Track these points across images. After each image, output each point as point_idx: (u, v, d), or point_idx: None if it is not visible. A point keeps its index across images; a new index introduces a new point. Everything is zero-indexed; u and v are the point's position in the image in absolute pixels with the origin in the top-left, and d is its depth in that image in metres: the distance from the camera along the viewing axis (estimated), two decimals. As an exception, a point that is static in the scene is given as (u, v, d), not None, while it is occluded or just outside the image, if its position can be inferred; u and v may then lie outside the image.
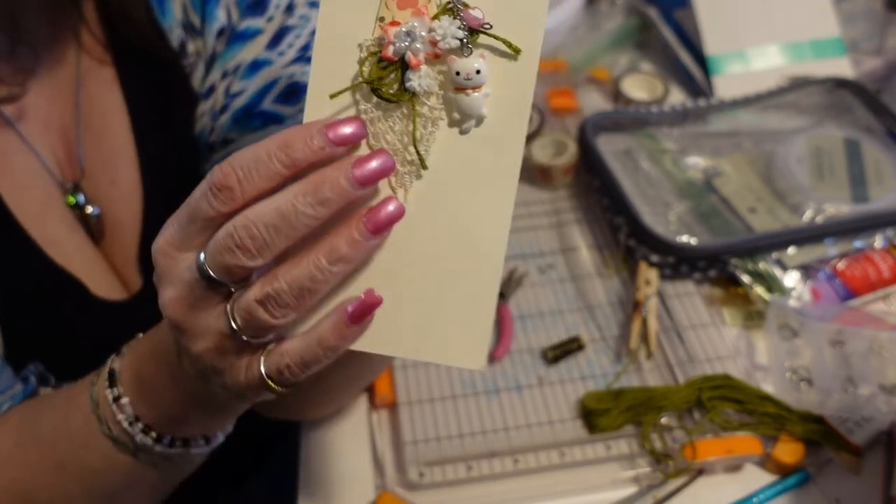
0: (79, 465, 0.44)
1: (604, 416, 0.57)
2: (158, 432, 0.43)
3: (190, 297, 0.35)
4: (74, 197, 0.54)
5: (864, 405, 0.56)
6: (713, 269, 0.66)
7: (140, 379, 0.42)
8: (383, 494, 0.54)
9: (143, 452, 0.43)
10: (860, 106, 0.78)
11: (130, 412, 0.42)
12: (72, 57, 0.55)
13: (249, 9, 0.55)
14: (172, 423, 0.43)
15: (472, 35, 0.33)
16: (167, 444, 0.43)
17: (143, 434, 0.42)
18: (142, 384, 0.42)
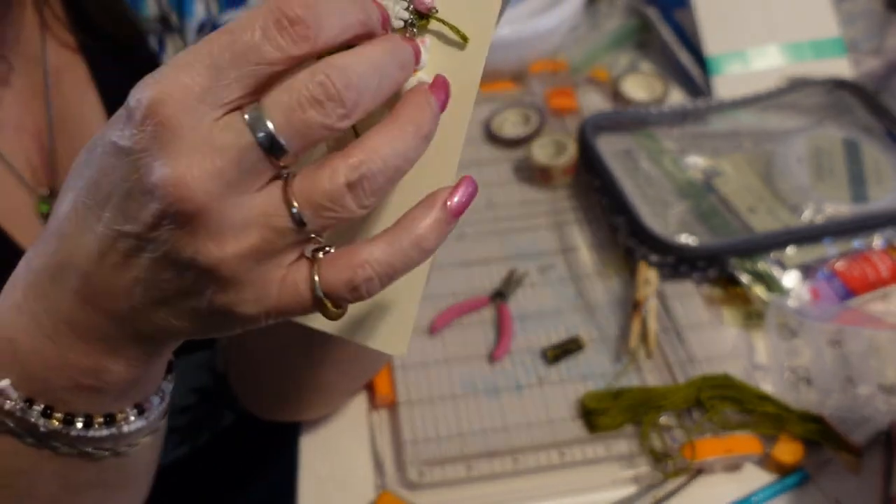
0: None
1: (603, 416, 0.57)
2: (66, 411, 0.32)
3: (232, 170, 0.26)
4: (47, 204, 0.52)
5: (863, 405, 0.56)
6: (713, 269, 0.66)
7: (14, 346, 0.31)
8: (383, 494, 0.54)
9: (56, 441, 0.33)
10: (860, 106, 0.78)
11: (17, 395, 0.31)
12: (41, 57, 0.53)
13: (229, 1, 0.54)
14: (81, 393, 0.32)
15: (420, 19, 0.32)
16: (83, 425, 0.33)
17: (45, 418, 0.32)
18: (18, 352, 0.31)
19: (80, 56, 0.54)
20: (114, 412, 0.33)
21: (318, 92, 0.26)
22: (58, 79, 0.53)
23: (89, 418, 0.32)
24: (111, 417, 0.33)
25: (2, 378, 0.31)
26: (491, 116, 0.82)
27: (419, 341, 0.63)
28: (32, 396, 0.32)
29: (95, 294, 0.29)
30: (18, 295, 0.31)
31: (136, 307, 0.29)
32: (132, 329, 0.30)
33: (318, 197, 0.27)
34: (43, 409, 0.32)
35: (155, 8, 0.54)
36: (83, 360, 0.31)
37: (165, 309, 0.29)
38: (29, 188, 0.52)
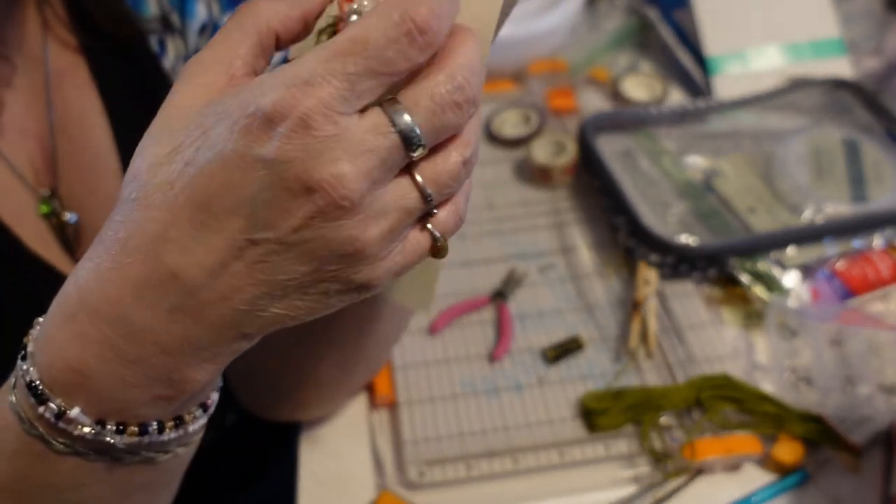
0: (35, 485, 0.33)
1: (603, 416, 0.57)
2: (141, 423, 0.32)
3: (380, 167, 0.28)
4: (48, 205, 0.52)
5: (863, 405, 0.56)
6: (712, 269, 0.66)
7: (83, 375, 0.30)
8: (383, 494, 0.54)
9: (126, 454, 0.33)
10: (859, 106, 0.78)
11: (89, 420, 0.31)
12: (42, 57, 0.53)
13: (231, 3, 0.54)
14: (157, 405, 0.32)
15: None
16: (156, 432, 0.32)
17: (120, 435, 0.32)
18: (88, 380, 0.30)
19: (81, 56, 0.54)
20: (183, 414, 0.33)
21: (458, 96, 0.29)
22: (59, 79, 0.53)
23: (161, 424, 0.32)
24: (181, 420, 0.33)
25: (72, 406, 0.31)
26: (491, 116, 0.82)
27: (419, 341, 0.63)
28: (104, 417, 0.31)
29: (201, 307, 0.29)
30: (83, 321, 0.30)
31: (248, 310, 0.29)
32: (235, 333, 0.30)
33: (443, 178, 0.30)
34: (117, 427, 0.31)
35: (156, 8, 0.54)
36: (169, 374, 0.31)
37: (284, 302, 0.30)
38: (30, 189, 0.52)
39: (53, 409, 0.31)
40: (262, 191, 0.27)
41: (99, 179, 0.54)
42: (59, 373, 0.31)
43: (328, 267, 0.29)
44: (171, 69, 0.55)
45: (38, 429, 0.31)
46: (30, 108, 0.52)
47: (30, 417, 0.32)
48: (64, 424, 0.31)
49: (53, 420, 0.31)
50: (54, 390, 0.31)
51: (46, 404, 0.31)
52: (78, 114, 0.54)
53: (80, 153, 0.53)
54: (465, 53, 0.29)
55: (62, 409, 0.31)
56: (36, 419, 0.31)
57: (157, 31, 0.54)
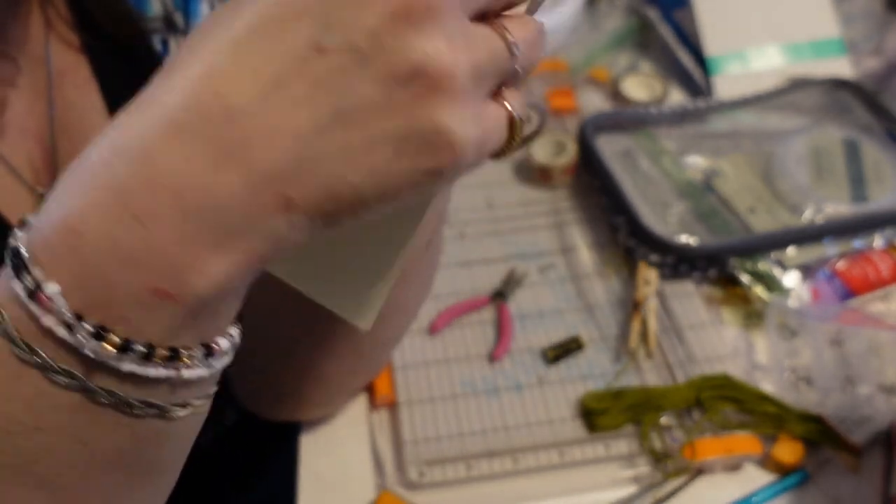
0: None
1: (603, 416, 0.57)
2: (125, 334, 0.25)
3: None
4: None
5: (863, 405, 0.56)
6: (713, 269, 0.66)
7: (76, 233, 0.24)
8: (383, 494, 0.54)
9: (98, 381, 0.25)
10: (859, 106, 0.78)
11: (65, 305, 0.24)
12: (44, 56, 0.53)
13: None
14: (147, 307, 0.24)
15: None
16: (142, 354, 0.25)
17: (96, 339, 0.24)
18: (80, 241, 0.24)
19: (83, 56, 0.54)
20: (178, 346, 0.26)
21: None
22: (61, 79, 0.53)
23: (151, 348, 0.25)
24: (175, 352, 0.26)
25: (49, 280, 0.24)
26: (491, 116, 0.82)
27: (419, 341, 0.63)
28: (83, 310, 0.24)
29: (244, 143, 0.23)
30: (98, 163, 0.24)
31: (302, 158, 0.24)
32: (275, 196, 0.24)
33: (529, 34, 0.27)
34: (95, 330, 0.24)
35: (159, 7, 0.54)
36: (177, 250, 0.24)
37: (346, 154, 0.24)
38: (29, 188, 0.52)
39: (28, 283, 0.24)
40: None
41: None
42: (50, 232, 0.24)
43: (403, 90, 0.24)
44: None
45: (4, 318, 0.25)
46: (31, 107, 0.52)
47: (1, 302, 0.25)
48: (36, 308, 0.24)
49: (25, 299, 0.24)
50: (39, 257, 0.24)
51: (22, 276, 0.24)
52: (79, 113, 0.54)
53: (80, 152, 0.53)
54: None
55: (38, 282, 0.24)
56: (8, 303, 0.25)
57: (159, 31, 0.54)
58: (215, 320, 0.27)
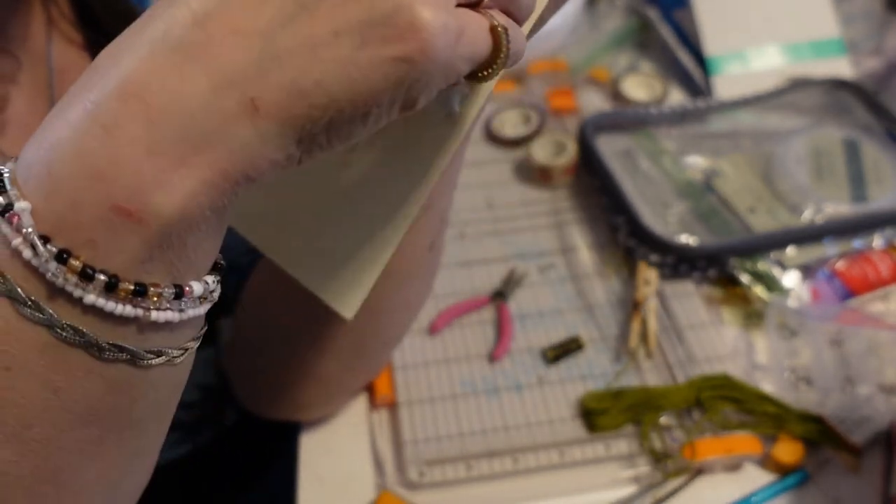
0: None
1: (603, 416, 0.57)
2: (89, 259, 0.24)
3: None
4: None
5: (863, 405, 0.56)
6: (713, 269, 0.66)
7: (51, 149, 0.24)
8: (383, 494, 0.54)
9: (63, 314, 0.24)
10: (859, 106, 0.78)
11: (31, 225, 0.23)
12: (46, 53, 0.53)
13: None
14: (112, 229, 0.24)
15: None
16: (104, 283, 0.24)
17: (59, 263, 0.23)
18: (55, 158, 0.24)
19: (85, 53, 0.54)
20: (146, 282, 0.25)
21: None
22: (62, 76, 0.53)
23: (115, 279, 0.24)
24: (142, 288, 0.24)
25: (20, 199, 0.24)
26: (491, 116, 0.82)
27: (419, 341, 0.63)
28: (51, 232, 0.24)
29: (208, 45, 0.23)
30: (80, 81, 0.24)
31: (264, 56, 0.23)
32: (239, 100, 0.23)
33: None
34: (58, 252, 0.23)
35: None
36: (142, 163, 0.23)
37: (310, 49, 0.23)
38: None
39: (2, 201, 0.24)
40: None
41: None
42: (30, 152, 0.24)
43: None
44: None
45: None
46: (32, 104, 0.53)
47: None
48: (6, 226, 0.24)
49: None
50: (15, 177, 0.24)
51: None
52: None
53: None
54: None
55: (10, 201, 0.24)
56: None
57: None
58: (186, 256, 0.25)
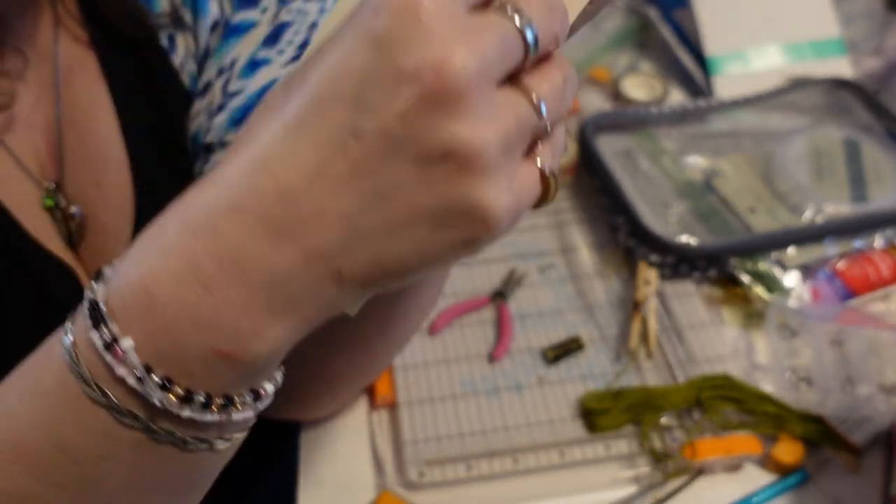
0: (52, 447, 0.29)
1: (603, 416, 0.57)
2: (188, 385, 0.28)
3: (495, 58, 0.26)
4: (52, 198, 0.52)
5: (863, 405, 0.56)
6: (713, 269, 0.66)
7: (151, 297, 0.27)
8: (383, 494, 0.54)
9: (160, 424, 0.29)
10: (860, 106, 0.78)
11: (137, 360, 0.27)
12: (53, 51, 0.53)
13: (242, 1, 0.54)
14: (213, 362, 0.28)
15: None
16: (201, 404, 0.28)
17: (163, 390, 0.28)
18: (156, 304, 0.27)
19: (91, 51, 0.54)
20: (232, 394, 0.29)
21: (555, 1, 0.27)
22: (68, 73, 0.53)
23: (209, 398, 0.28)
24: (230, 400, 0.29)
25: (125, 335, 0.27)
26: (491, 116, 0.81)
27: (419, 341, 0.63)
28: (152, 362, 0.27)
29: (297, 224, 0.26)
30: (170, 234, 0.27)
31: (349, 236, 0.26)
32: (328, 269, 0.27)
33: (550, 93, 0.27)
34: (162, 380, 0.27)
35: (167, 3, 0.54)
36: (240, 317, 0.27)
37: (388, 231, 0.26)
38: (35, 181, 0.52)
39: (105, 336, 0.27)
40: (370, 70, 0.25)
41: (104, 173, 0.54)
42: (128, 291, 0.28)
43: (436, 171, 0.25)
44: (180, 66, 0.55)
45: (80, 363, 0.28)
46: (39, 101, 0.53)
47: (78, 348, 0.28)
48: (111, 358, 0.27)
49: (102, 348, 0.28)
50: (115, 313, 0.28)
51: (100, 328, 0.28)
52: (86, 108, 0.54)
53: (86, 147, 0.54)
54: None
55: (115, 336, 0.27)
56: (84, 349, 0.28)
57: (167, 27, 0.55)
58: (266, 372, 0.30)
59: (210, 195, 0.27)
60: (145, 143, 0.55)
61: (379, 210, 0.26)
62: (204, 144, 0.56)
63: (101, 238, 0.54)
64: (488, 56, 0.25)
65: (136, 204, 0.54)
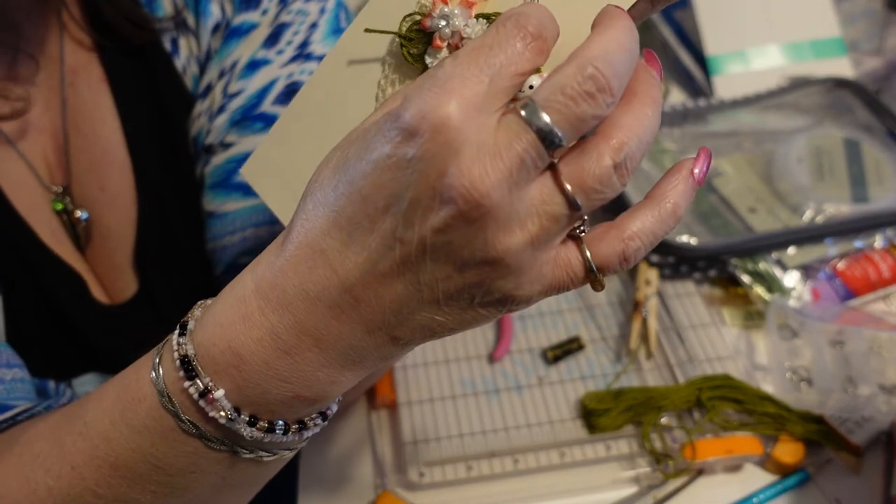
0: (149, 466, 0.35)
1: (604, 416, 0.57)
2: (270, 420, 0.33)
3: (518, 167, 0.28)
4: (61, 202, 0.53)
5: (863, 405, 0.56)
6: (713, 269, 0.66)
7: (239, 357, 0.32)
8: (383, 494, 0.54)
9: (246, 447, 0.34)
10: (860, 106, 0.78)
11: (229, 406, 0.32)
12: (59, 55, 0.54)
13: (243, 3, 0.55)
14: (292, 405, 0.33)
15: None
16: (281, 431, 0.34)
17: (250, 426, 0.33)
18: (243, 364, 0.32)
19: (95, 55, 0.54)
20: (305, 419, 0.34)
21: (589, 86, 0.28)
22: (74, 77, 0.54)
23: (287, 426, 0.34)
24: (302, 424, 0.34)
25: (217, 387, 0.32)
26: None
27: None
28: (241, 406, 0.33)
29: (357, 305, 0.30)
30: (252, 307, 0.32)
31: (401, 313, 0.30)
32: (385, 335, 0.31)
33: (589, 181, 0.29)
34: (249, 418, 0.33)
35: (170, 7, 0.54)
36: (317, 373, 0.32)
37: (433, 308, 0.30)
38: (44, 186, 0.53)
39: (199, 387, 0.32)
40: (408, 190, 0.28)
41: (109, 177, 0.54)
42: (218, 352, 0.32)
43: (470, 272, 0.29)
44: (183, 69, 0.55)
45: (175, 405, 0.33)
46: (47, 105, 0.53)
47: (171, 392, 0.33)
48: (204, 403, 0.32)
49: (196, 397, 0.32)
50: (206, 368, 0.32)
51: (195, 380, 0.32)
52: (91, 111, 0.54)
53: (91, 151, 0.54)
54: (599, 42, 0.28)
55: (209, 387, 0.32)
56: (177, 394, 0.33)
57: (170, 31, 0.55)
58: (334, 401, 0.35)
59: (284, 278, 0.31)
60: (147, 146, 0.55)
61: (423, 293, 0.30)
62: (205, 146, 0.56)
63: (106, 241, 0.55)
64: (514, 172, 0.28)
65: (139, 207, 0.55)
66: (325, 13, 0.55)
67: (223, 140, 0.54)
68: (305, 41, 0.54)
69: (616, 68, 0.28)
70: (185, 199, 0.55)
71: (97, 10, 0.54)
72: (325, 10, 0.55)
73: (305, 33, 0.54)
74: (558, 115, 0.28)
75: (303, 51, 0.54)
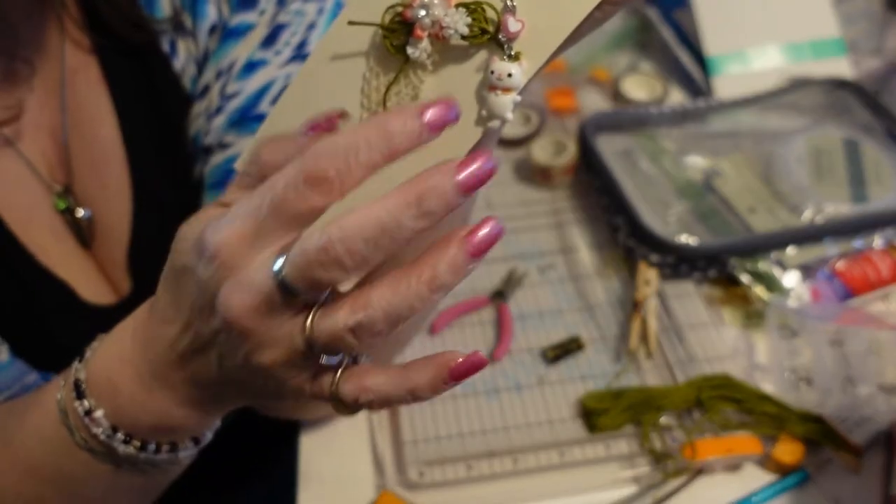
0: (53, 470, 0.42)
1: (603, 416, 0.57)
2: (143, 440, 0.39)
3: (265, 304, 0.31)
4: (64, 201, 0.54)
5: (863, 405, 0.56)
6: (713, 269, 0.66)
7: (115, 387, 0.38)
8: (383, 494, 0.54)
9: (125, 462, 0.40)
10: (859, 106, 0.78)
11: (106, 424, 0.39)
12: (58, 56, 0.54)
13: (240, 4, 0.55)
14: (159, 431, 0.39)
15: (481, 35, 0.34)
16: (153, 451, 0.40)
17: (125, 444, 0.39)
18: (117, 393, 0.38)
19: (94, 56, 0.55)
20: (178, 442, 0.41)
21: (322, 257, 0.30)
22: (73, 78, 0.54)
23: (158, 446, 0.40)
24: (174, 446, 0.41)
25: (98, 408, 0.39)
26: (491, 116, 0.81)
27: (419, 341, 0.63)
28: (118, 426, 0.39)
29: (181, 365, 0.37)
30: (127, 349, 0.38)
31: (212, 379, 0.36)
32: (212, 393, 0.38)
33: (326, 333, 0.32)
34: (124, 437, 0.39)
35: (168, 8, 0.55)
36: (176, 409, 0.38)
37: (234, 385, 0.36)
38: (46, 185, 0.53)
39: (85, 406, 0.38)
40: (198, 298, 0.34)
41: (108, 176, 0.55)
42: (102, 381, 0.39)
43: (244, 370, 0.34)
44: (182, 70, 0.55)
45: (69, 420, 0.39)
46: (46, 106, 0.53)
47: (66, 409, 0.39)
48: (88, 421, 0.38)
49: (83, 415, 0.38)
50: (91, 392, 0.39)
51: (82, 401, 0.39)
52: (89, 112, 0.54)
53: (90, 150, 0.54)
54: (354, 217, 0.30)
55: (91, 407, 0.38)
56: (71, 412, 0.39)
57: (167, 32, 0.55)
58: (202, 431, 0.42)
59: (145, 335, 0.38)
60: (145, 146, 0.55)
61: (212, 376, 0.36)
62: (203, 146, 0.56)
63: (108, 237, 0.55)
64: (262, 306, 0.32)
65: (134, 206, 0.55)
66: (322, 13, 0.55)
67: (221, 141, 0.54)
68: (303, 42, 0.54)
69: (355, 246, 0.30)
70: (183, 199, 0.55)
71: (96, 11, 0.54)
72: (323, 10, 0.55)
73: (303, 34, 0.54)
74: (296, 272, 0.30)
75: (300, 51, 0.54)
